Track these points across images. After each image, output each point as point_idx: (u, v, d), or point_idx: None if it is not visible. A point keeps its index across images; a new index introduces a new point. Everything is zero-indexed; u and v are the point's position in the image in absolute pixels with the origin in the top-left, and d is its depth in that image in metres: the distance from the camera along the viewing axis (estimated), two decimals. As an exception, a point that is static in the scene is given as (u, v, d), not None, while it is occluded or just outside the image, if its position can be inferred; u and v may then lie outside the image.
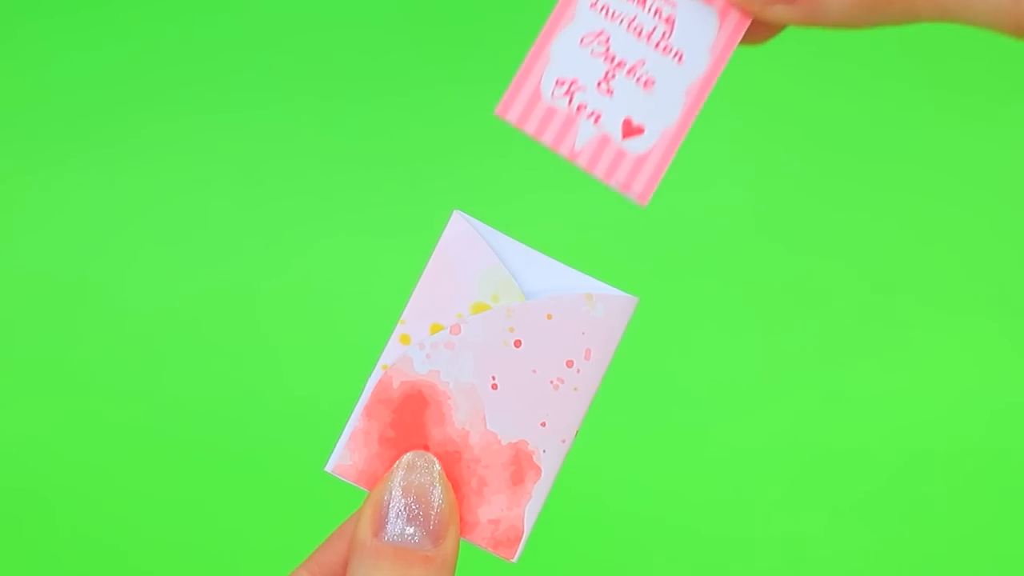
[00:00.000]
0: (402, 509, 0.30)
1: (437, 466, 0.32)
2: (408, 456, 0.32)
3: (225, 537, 0.71)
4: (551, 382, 0.32)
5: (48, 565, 0.71)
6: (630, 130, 0.32)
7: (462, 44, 0.80)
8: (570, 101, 0.32)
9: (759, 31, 0.33)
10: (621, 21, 0.32)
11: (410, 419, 0.32)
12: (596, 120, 0.32)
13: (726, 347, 0.74)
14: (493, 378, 0.32)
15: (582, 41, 0.32)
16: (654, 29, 0.32)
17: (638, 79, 0.32)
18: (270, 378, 0.74)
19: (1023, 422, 0.73)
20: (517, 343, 0.32)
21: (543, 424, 0.32)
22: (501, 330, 0.32)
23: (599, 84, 0.32)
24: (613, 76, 0.32)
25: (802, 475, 0.72)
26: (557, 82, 0.32)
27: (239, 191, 0.77)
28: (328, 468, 0.33)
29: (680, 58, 0.32)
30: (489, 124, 0.78)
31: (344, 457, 0.32)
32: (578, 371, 0.32)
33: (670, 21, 0.32)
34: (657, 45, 0.32)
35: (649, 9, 0.32)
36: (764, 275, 0.75)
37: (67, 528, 0.71)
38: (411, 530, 0.30)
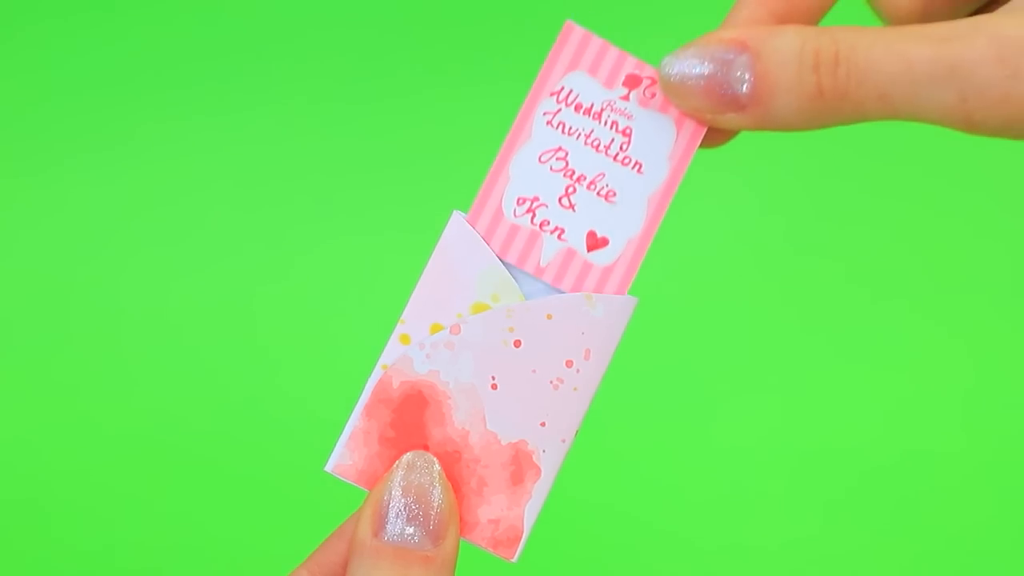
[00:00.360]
0: (402, 509, 0.31)
1: (437, 466, 0.32)
2: (408, 456, 0.32)
3: (225, 537, 0.71)
4: (551, 382, 0.32)
5: (41, 572, 0.71)
6: (595, 243, 0.33)
7: (462, 45, 0.80)
8: (533, 218, 0.33)
9: (716, 135, 0.33)
10: (578, 136, 0.33)
11: (410, 419, 0.32)
12: (560, 235, 0.33)
13: (725, 347, 0.74)
14: (493, 378, 0.32)
15: (540, 158, 0.33)
16: (612, 141, 0.33)
17: (599, 192, 0.33)
18: (270, 378, 0.74)
19: (1016, 422, 0.73)
20: (517, 343, 0.32)
21: (543, 424, 0.32)
22: (501, 330, 0.32)
23: (560, 199, 0.33)
24: (574, 190, 0.33)
25: (803, 477, 0.72)
26: (518, 200, 0.33)
27: (238, 192, 0.77)
28: (328, 468, 0.33)
29: (640, 168, 0.33)
30: (489, 124, 0.78)
31: (344, 457, 0.32)
32: (578, 371, 0.32)
33: (627, 133, 0.33)
34: (616, 157, 0.33)
35: (605, 123, 0.33)
36: (763, 276, 0.75)
37: (64, 533, 0.71)
38: (411, 530, 0.30)
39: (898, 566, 0.71)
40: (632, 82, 0.33)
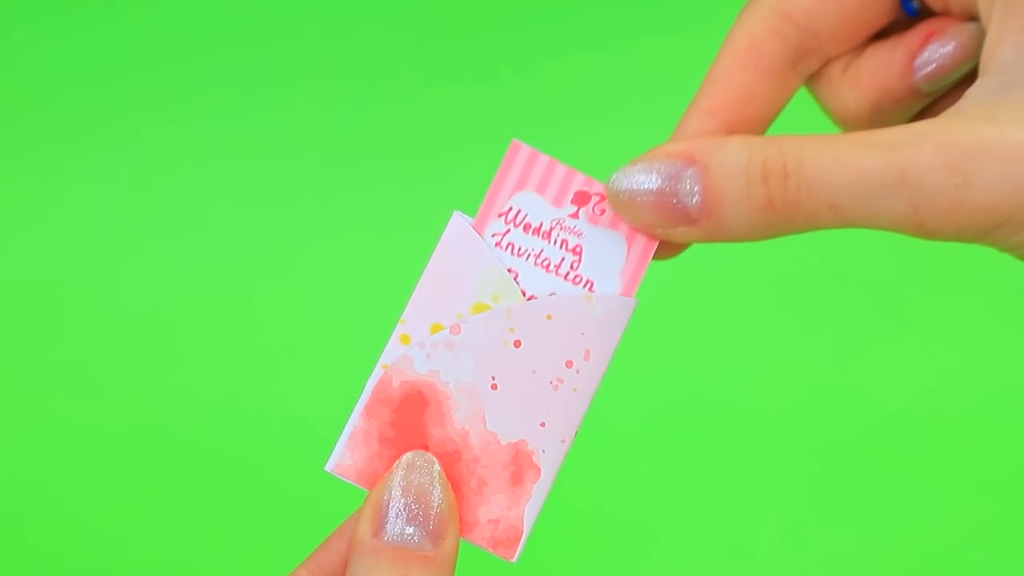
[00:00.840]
0: (402, 509, 0.31)
1: (437, 466, 0.32)
2: (408, 456, 0.32)
3: (225, 537, 0.71)
4: (550, 382, 0.32)
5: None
6: None
7: (462, 44, 0.80)
8: None
9: (667, 248, 0.33)
10: (528, 256, 0.33)
11: (410, 419, 0.32)
12: None
13: (724, 349, 0.74)
14: (493, 378, 0.32)
15: None
16: (562, 260, 0.33)
17: None
18: (269, 378, 0.74)
19: (1011, 424, 0.73)
20: (517, 343, 0.32)
21: (543, 424, 0.32)
22: (501, 330, 0.32)
23: None
24: None
25: (804, 479, 0.72)
26: None
27: (238, 192, 0.77)
28: (328, 467, 0.33)
29: (591, 286, 0.33)
30: (489, 124, 0.79)
31: (344, 456, 0.32)
32: (577, 372, 0.32)
33: (577, 251, 0.33)
34: (567, 276, 0.33)
35: (555, 242, 0.33)
36: (763, 278, 0.75)
37: (66, 533, 0.71)
38: (411, 530, 0.30)
39: (898, 567, 0.71)
40: (581, 199, 0.33)
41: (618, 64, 0.79)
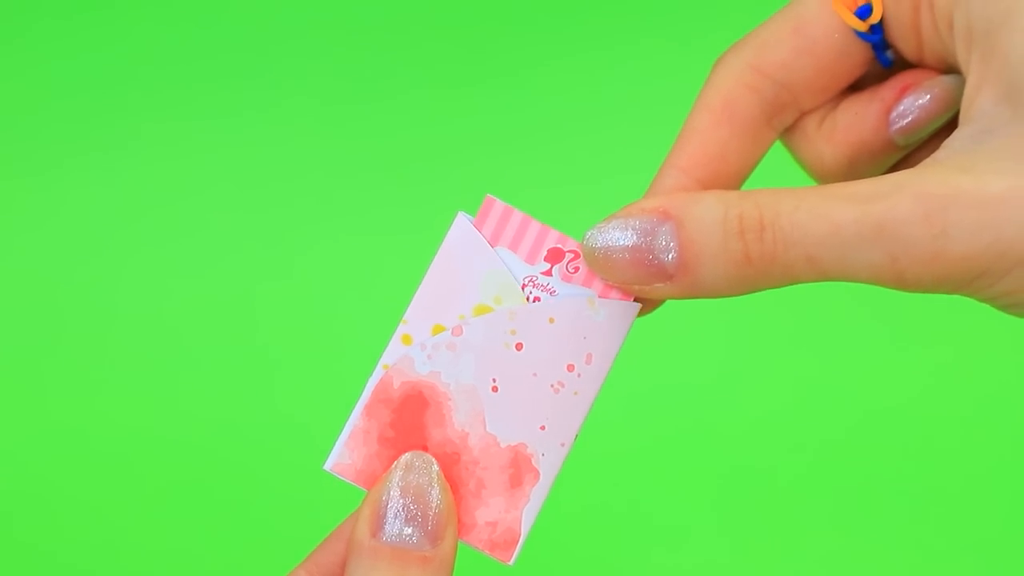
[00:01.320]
0: (400, 509, 0.31)
1: (435, 467, 0.32)
2: (407, 456, 0.32)
3: (224, 537, 0.71)
4: (552, 386, 0.32)
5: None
6: None
7: (462, 46, 0.80)
8: None
9: (643, 305, 0.33)
10: None
11: (410, 419, 0.32)
12: None
13: (728, 353, 0.74)
14: (494, 380, 0.32)
15: None
16: None
17: None
18: (270, 378, 0.74)
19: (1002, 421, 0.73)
20: (519, 346, 0.32)
21: (543, 428, 0.32)
22: (503, 332, 0.32)
23: None
24: None
25: (804, 477, 0.72)
26: None
27: (239, 193, 0.77)
28: (327, 467, 0.33)
29: None
30: (489, 126, 0.79)
31: (343, 456, 0.32)
32: (579, 375, 0.32)
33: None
34: None
35: (528, 299, 0.33)
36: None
37: (68, 532, 0.71)
38: (409, 530, 0.30)
39: (897, 568, 0.71)
40: (554, 256, 0.33)
41: (619, 67, 0.79)
